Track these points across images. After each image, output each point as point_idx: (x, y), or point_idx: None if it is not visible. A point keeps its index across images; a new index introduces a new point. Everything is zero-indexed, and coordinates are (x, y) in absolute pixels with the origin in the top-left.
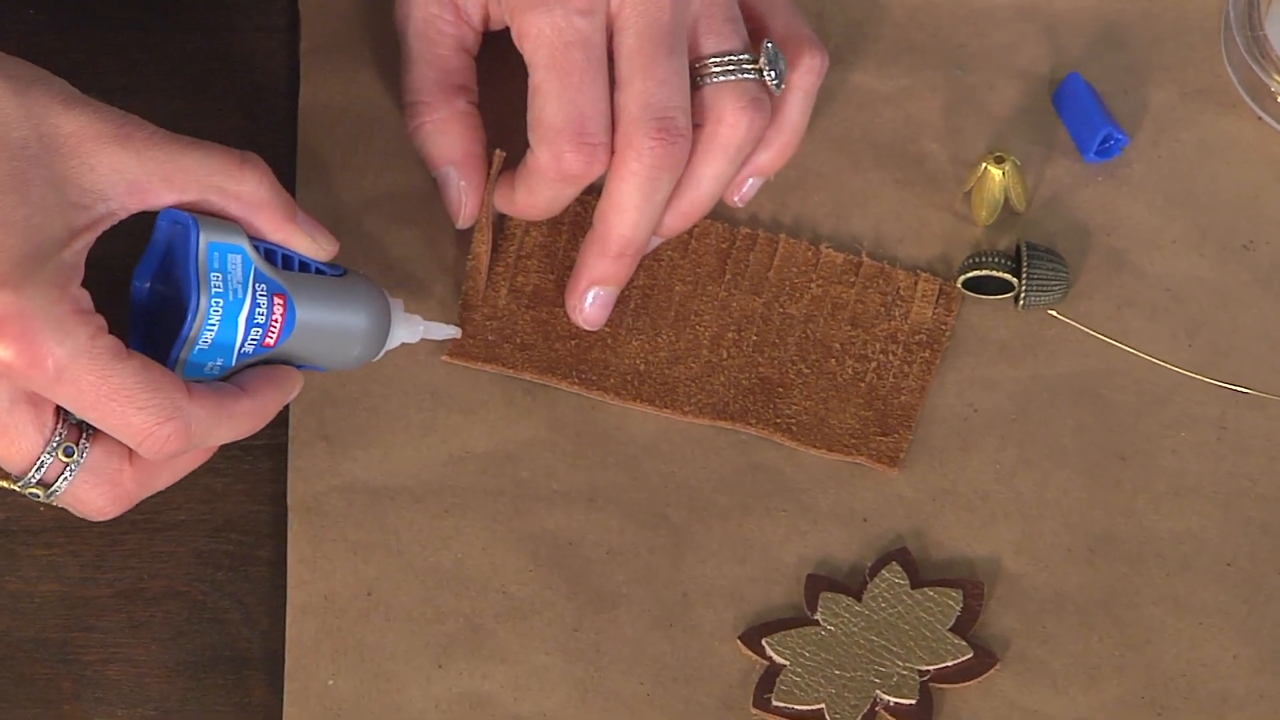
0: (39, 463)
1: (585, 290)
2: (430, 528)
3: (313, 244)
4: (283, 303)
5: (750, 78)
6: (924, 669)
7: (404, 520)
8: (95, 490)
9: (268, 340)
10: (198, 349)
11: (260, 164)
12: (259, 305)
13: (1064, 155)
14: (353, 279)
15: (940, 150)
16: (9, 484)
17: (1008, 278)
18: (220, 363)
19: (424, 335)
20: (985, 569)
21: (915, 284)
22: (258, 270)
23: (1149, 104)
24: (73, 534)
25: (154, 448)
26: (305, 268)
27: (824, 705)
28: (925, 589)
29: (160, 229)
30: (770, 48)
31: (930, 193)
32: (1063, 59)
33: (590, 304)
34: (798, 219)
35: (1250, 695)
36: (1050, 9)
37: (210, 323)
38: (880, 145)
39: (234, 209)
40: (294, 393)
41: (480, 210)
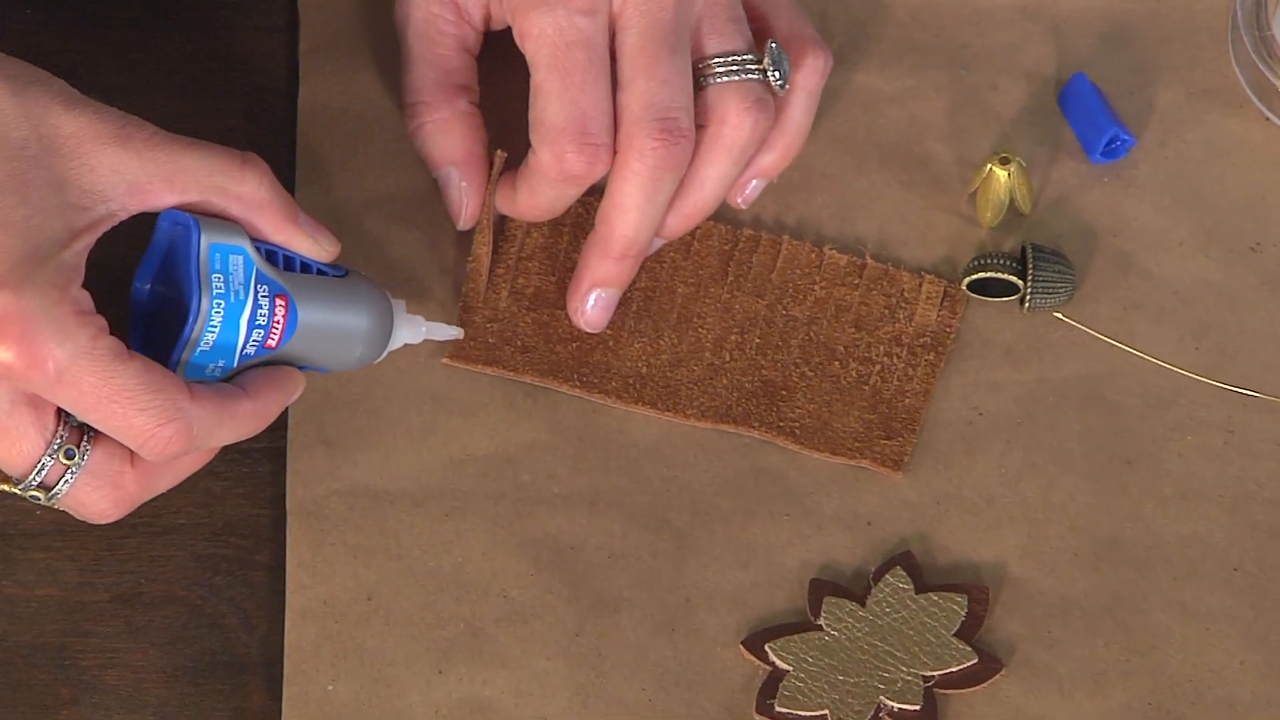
0: (40, 465)
1: (587, 292)
2: (430, 532)
3: (314, 245)
4: (284, 304)
5: (754, 78)
6: (928, 674)
7: (404, 524)
8: (97, 493)
9: (269, 342)
10: (199, 350)
11: (261, 164)
12: (261, 306)
13: (1069, 156)
14: (355, 280)
15: (945, 151)
16: (10, 487)
17: (1013, 280)
18: (222, 364)
19: (426, 336)
20: (990, 573)
21: (920, 286)
22: (259, 271)
23: (1155, 104)
24: (70, 538)
25: (155, 449)
26: (307, 269)
27: (827, 711)
28: (930, 594)
29: (161, 230)
30: (774, 48)
31: (935, 194)
32: (1068, 59)
33: (592, 306)
34: (801, 220)
35: (1257, 701)
36: (1055, 8)
37: (212, 324)
38: (884, 146)
39: (235, 210)
40: (296, 394)
41: (481, 211)
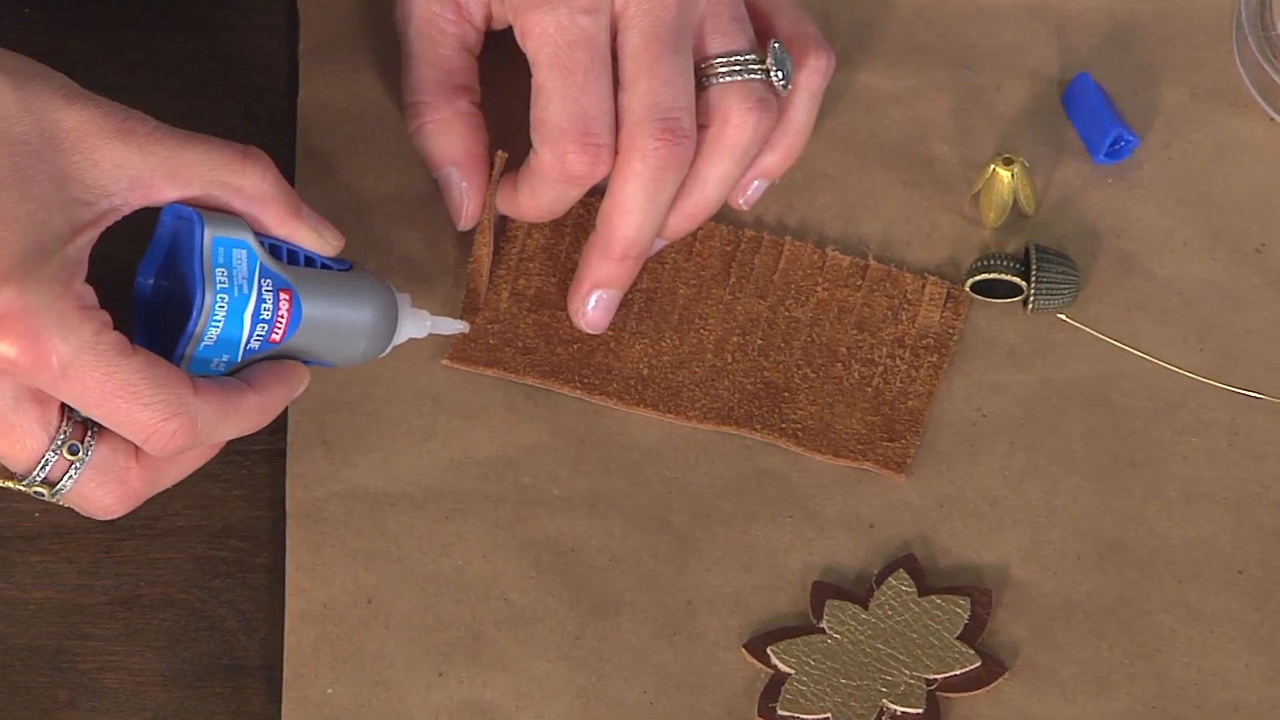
0: (44, 461)
1: (588, 293)
2: (431, 534)
3: (318, 238)
4: (288, 298)
5: (757, 78)
6: (931, 678)
7: (404, 526)
8: (102, 488)
9: (274, 336)
10: (203, 345)
11: (264, 158)
12: (265, 301)
13: (1074, 157)
14: (359, 274)
15: (948, 152)
16: (14, 484)
17: (1016, 281)
18: (226, 359)
19: (431, 330)
20: (993, 576)
21: (923, 287)
22: (263, 265)
23: (1160, 105)
24: (68, 540)
25: (160, 444)
26: (310, 263)
27: (830, 715)
28: (932, 596)
29: (164, 224)
30: (777, 48)
31: (938, 195)
32: (1072, 59)
33: (593, 307)
34: (804, 221)
35: (1262, 705)
36: (1060, 8)
37: (216, 318)
38: (887, 146)
39: (238, 204)
40: (301, 388)
41: (482, 212)
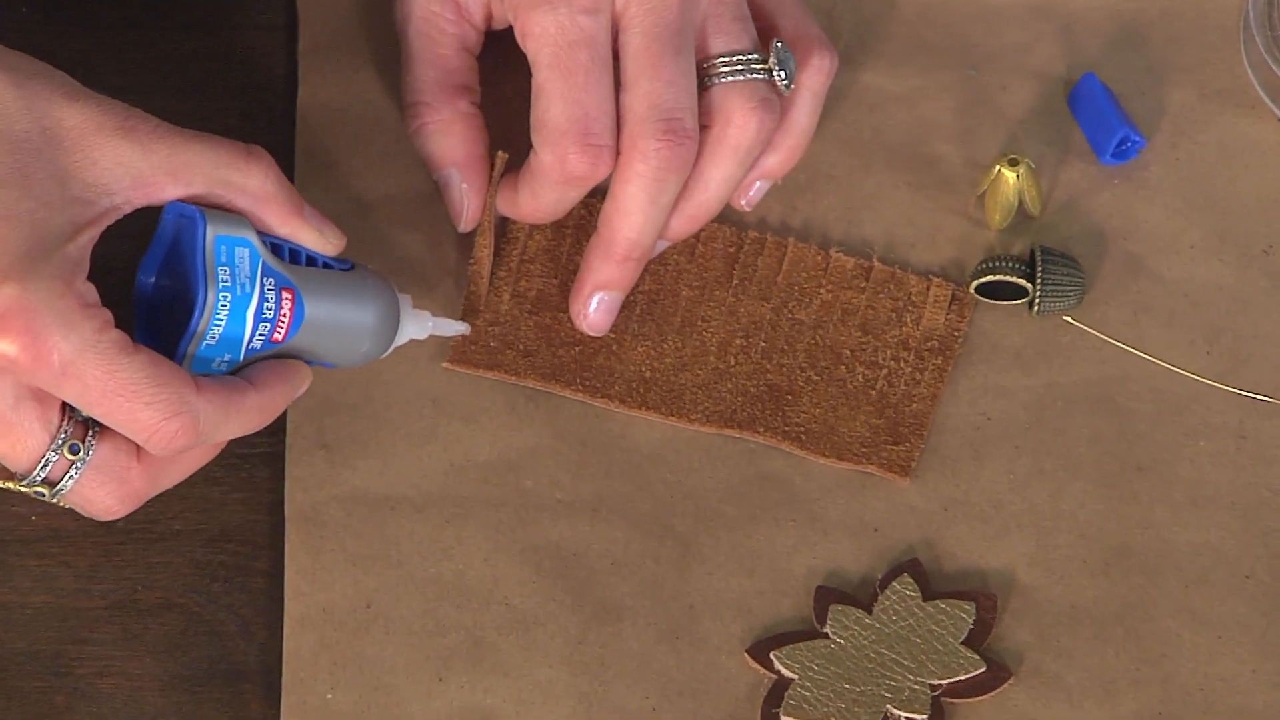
0: (44, 461)
1: (589, 295)
2: (431, 538)
3: (320, 238)
4: (291, 297)
5: (759, 78)
6: (936, 683)
7: (404, 530)
8: (103, 488)
9: (276, 335)
10: (205, 344)
11: (266, 157)
12: (267, 299)
13: (1079, 158)
14: (361, 274)
15: (953, 152)
16: (14, 484)
17: (1022, 283)
18: (228, 358)
19: (433, 331)
20: (998, 581)
21: (927, 289)
22: (265, 264)
23: (1167, 105)
24: (66, 544)
25: (162, 443)
26: (312, 262)
27: None
28: (937, 601)
29: (166, 223)
30: (780, 47)
31: (943, 196)
32: (1078, 59)
33: (595, 309)
34: (807, 222)
35: (1270, 711)
36: (1065, 8)
37: (218, 317)
38: (891, 147)
39: (240, 202)
40: (303, 387)
41: (482, 213)
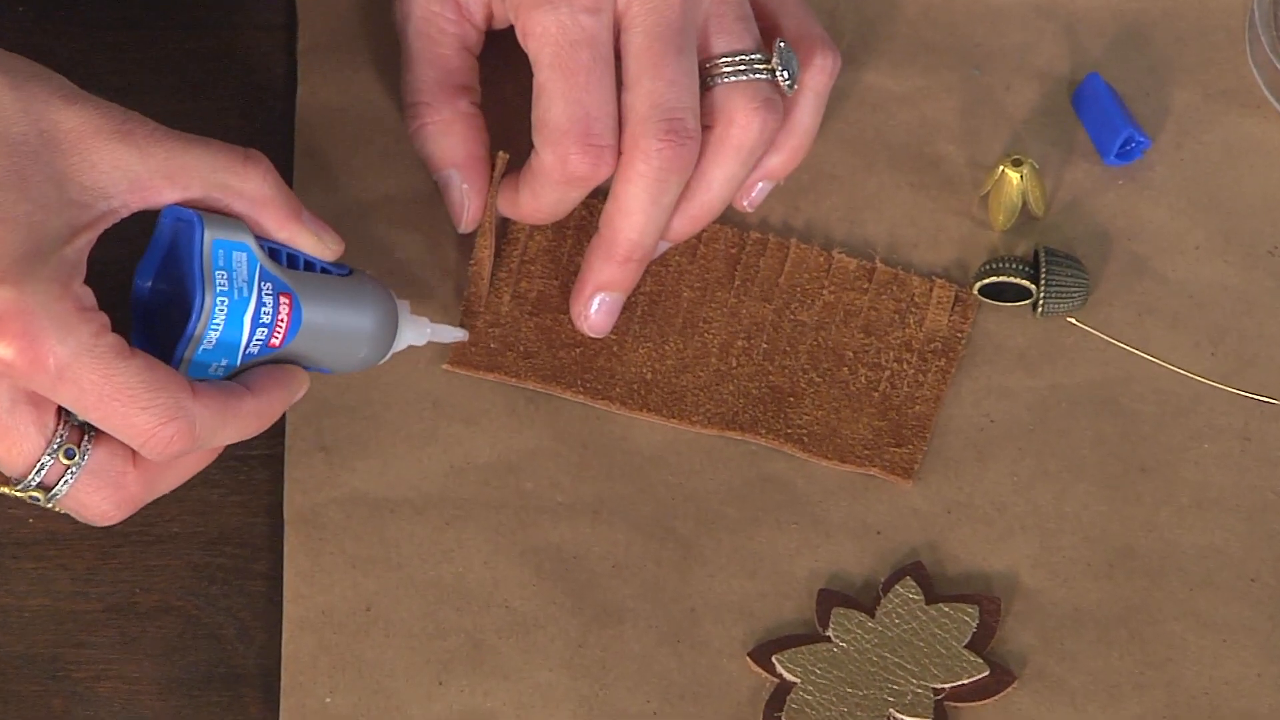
0: (40, 465)
1: (590, 296)
2: (431, 540)
3: (318, 243)
4: (289, 302)
5: (762, 78)
6: (939, 687)
7: (404, 533)
8: (98, 493)
9: (273, 340)
10: (202, 348)
11: (264, 161)
12: (265, 304)
13: (1084, 158)
14: (359, 279)
15: (956, 153)
16: (9, 489)
17: (1025, 284)
18: (225, 363)
19: (431, 338)
20: (1002, 584)
21: (930, 290)
22: (263, 268)
23: (1171, 105)
24: (63, 547)
25: (158, 448)
26: (310, 267)
27: None
28: (940, 604)
29: (163, 226)
30: (783, 47)
31: (946, 196)
32: (1082, 59)
33: (596, 310)
34: (809, 223)
35: (1275, 715)
36: (1069, 7)
37: (215, 322)
38: (894, 147)
39: (238, 206)
40: (300, 392)
41: (483, 214)
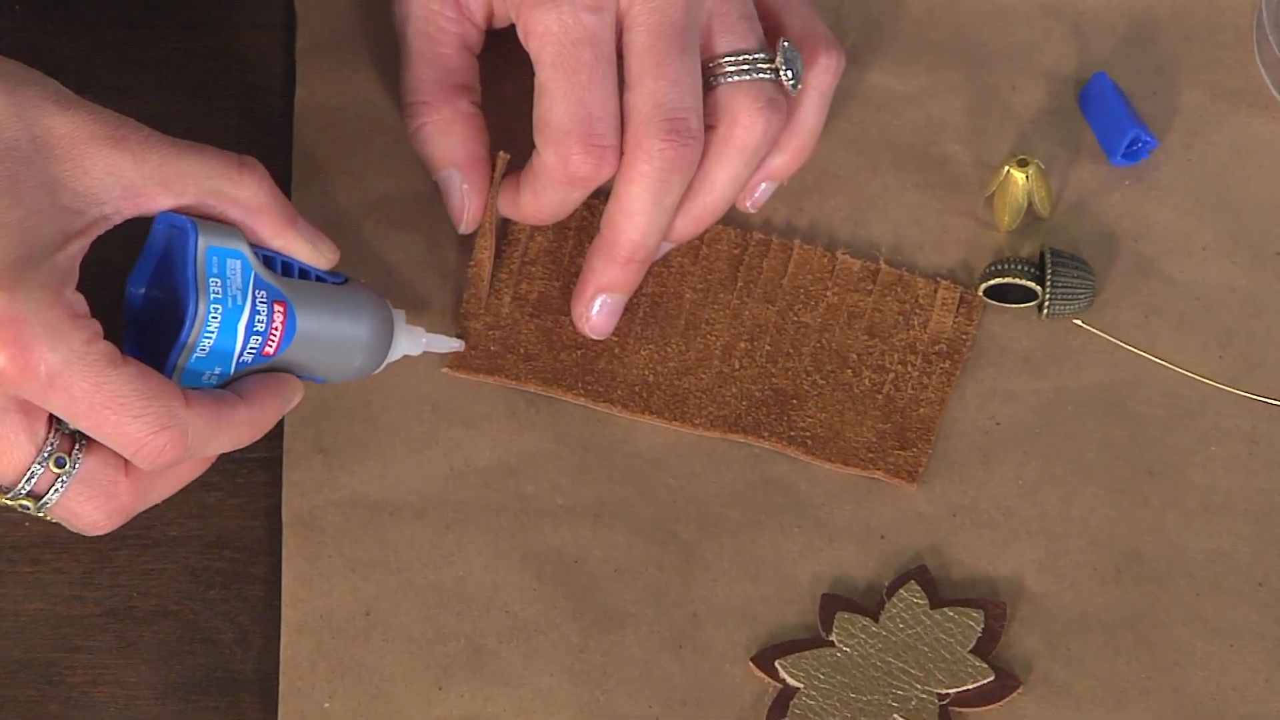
0: (30, 473)
1: (592, 298)
2: (431, 544)
3: (314, 251)
4: (283, 310)
5: (766, 77)
6: (943, 692)
7: (403, 536)
8: (89, 502)
9: (267, 349)
10: (195, 356)
11: (259, 168)
12: (259, 312)
13: (1090, 158)
14: (354, 288)
15: (961, 153)
16: None
17: (1031, 285)
18: (218, 371)
19: (426, 348)
20: (1007, 588)
21: (935, 292)
22: (258, 276)
23: (1179, 105)
24: (60, 551)
25: (149, 457)
26: (305, 275)
27: None
28: (945, 609)
29: (156, 233)
30: (786, 46)
31: (951, 197)
32: (1089, 58)
33: (597, 312)
34: (813, 224)
35: None
36: (1076, 6)
37: (209, 329)
38: (899, 147)
39: (232, 214)
40: (294, 401)
41: (483, 215)
